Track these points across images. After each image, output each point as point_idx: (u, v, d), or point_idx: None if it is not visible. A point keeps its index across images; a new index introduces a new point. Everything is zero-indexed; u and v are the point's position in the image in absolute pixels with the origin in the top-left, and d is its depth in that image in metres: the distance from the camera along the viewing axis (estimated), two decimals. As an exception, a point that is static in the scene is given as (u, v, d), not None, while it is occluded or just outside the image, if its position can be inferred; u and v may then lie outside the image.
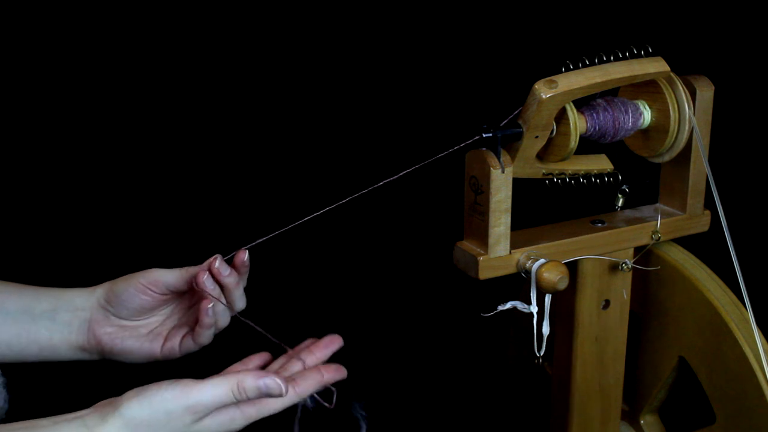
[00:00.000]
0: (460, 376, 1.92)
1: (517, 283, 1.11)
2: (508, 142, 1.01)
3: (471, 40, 1.90)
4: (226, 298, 0.97)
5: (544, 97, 0.97)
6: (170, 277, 0.98)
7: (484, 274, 1.02)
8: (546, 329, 1.02)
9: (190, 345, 1.00)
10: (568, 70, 1.00)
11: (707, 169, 1.10)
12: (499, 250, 1.02)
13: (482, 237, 1.02)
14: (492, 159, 0.99)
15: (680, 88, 1.06)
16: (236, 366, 0.95)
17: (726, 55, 1.76)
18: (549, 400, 1.21)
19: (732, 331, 1.08)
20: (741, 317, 1.09)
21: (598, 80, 1.00)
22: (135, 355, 1.01)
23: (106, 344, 1.00)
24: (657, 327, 1.19)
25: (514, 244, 1.03)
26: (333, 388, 0.91)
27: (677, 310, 1.15)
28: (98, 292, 1.01)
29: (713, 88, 1.09)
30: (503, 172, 0.99)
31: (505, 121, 1.00)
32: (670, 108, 1.06)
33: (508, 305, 1.02)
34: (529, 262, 1.02)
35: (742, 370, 1.07)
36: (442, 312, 1.94)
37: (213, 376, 0.86)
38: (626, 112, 1.06)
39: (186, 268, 0.99)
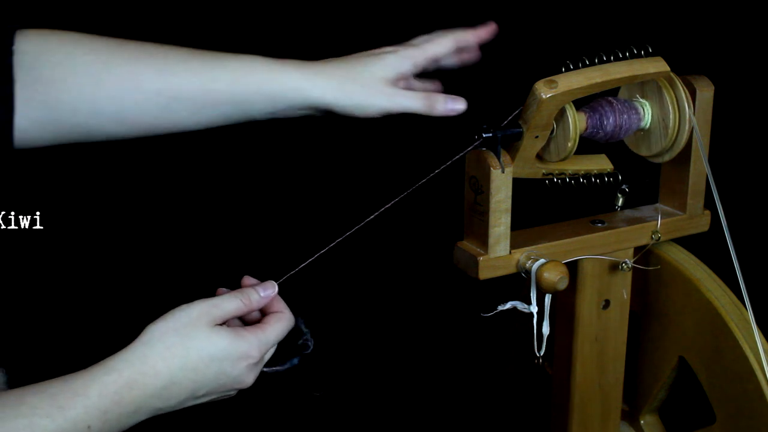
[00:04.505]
0: (461, 376, 1.91)
1: (517, 283, 1.11)
2: (508, 142, 1.01)
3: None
4: None
5: (544, 97, 0.97)
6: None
7: (484, 274, 1.02)
8: (546, 329, 1.02)
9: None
10: (568, 70, 1.00)
11: (707, 169, 1.10)
12: (499, 250, 1.02)
13: (482, 237, 1.02)
14: (492, 159, 0.99)
15: (680, 88, 1.06)
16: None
17: (726, 55, 1.76)
18: (549, 400, 1.21)
19: (732, 331, 1.08)
20: (741, 317, 1.09)
21: (598, 80, 1.00)
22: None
23: None
24: (657, 327, 1.19)
25: (514, 244, 1.03)
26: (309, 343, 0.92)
27: (677, 310, 1.15)
28: None
29: (713, 88, 1.09)
30: (503, 172, 0.99)
31: (505, 121, 1.00)
32: (670, 108, 1.06)
33: (508, 305, 1.02)
34: (529, 262, 1.02)
35: (742, 370, 1.07)
36: (442, 312, 1.94)
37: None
38: (626, 112, 1.06)
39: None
